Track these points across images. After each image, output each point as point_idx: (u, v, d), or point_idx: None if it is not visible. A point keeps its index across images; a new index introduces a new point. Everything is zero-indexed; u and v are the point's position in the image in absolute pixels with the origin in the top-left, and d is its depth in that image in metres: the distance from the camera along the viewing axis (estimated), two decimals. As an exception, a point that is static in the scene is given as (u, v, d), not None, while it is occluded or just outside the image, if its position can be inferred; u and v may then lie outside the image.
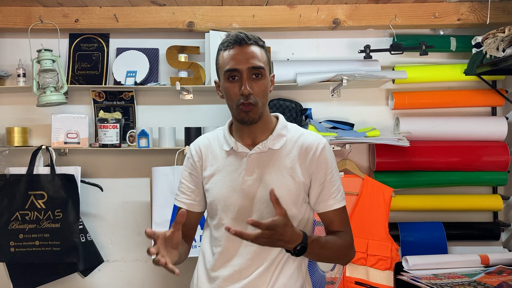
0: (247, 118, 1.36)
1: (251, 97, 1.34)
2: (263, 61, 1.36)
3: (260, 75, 1.36)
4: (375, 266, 2.25)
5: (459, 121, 2.49)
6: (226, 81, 1.37)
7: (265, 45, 1.42)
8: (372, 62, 2.46)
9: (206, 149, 1.49)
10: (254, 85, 1.35)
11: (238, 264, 1.40)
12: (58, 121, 2.39)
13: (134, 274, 2.56)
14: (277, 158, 1.41)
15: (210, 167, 1.46)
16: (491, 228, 2.53)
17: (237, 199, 1.40)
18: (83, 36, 2.54)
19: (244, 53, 1.35)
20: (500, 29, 2.10)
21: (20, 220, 2.30)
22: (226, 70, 1.35)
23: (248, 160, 1.40)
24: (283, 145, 1.42)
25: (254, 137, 1.43)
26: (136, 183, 2.55)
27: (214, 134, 1.52)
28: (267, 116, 1.44)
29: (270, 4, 2.44)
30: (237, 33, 1.37)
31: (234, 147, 1.42)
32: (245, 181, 1.40)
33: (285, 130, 1.45)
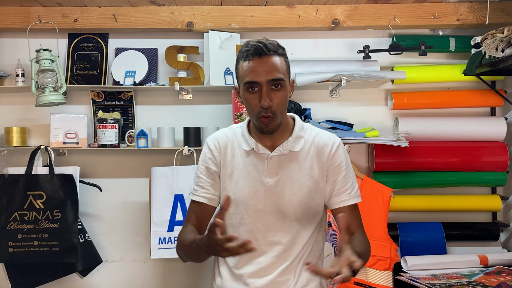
0: (267, 129, 1.39)
1: (271, 109, 1.36)
2: (282, 72, 1.37)
3: (279, 86, 1.37)
4: (374, 267, 2.24)
5: (458, 122, 2.49)
6: (246, 92, 1.38)
7: (285, 52, 1.42)
8: (371, 63, 2.46)
9: (225, 145, 1.50)
10: (274, 96, 1.36)
11: (263, 262, 1.43)
12: (57, 121, 2.38)
13: (133, 274, 2.56)
14: (297, 160, 1.44)
15: (230, 164, 1.47)
16: (490, 228, 2.53)
17: (259, 199, 1.42)
18: (82, 36, 2.54)
19: (263, 65, 1.35)
20: (499, 30, 2.10)
21: (18, 220, 2.30)
22: (246, 82, 1.37)
23: (269, 162, 1.43)
24: (302, 147, 1.45)
25: (273, 140, 1.46)
26: (135, 183, 2.55)
27: (231, 131, 1.53)
28: (286, 120, 1.47)
29: (269, 4, 2.44)
30: (257, 43, 1.37)
31: (255, 148, 1.44)
32: (266, 182, 1.42)
33: (303, 131, 1.48)
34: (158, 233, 2.29)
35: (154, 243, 2.29)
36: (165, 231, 2.29)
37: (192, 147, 2.38)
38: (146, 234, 2.48)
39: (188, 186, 2.30)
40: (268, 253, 1.43)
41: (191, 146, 2.38)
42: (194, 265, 2.54)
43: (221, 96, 2.55)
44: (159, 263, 2.55)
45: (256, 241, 1.41)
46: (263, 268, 1.43)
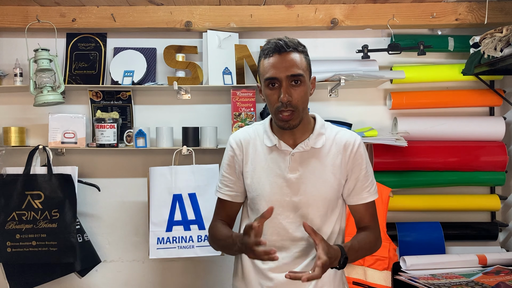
0: (287, 125, 1.42)
1: (290, 104, 1.39)
2: (302, 68, 1.40)
3: (299, 81, 1.40)
4: (373, 266, 2.24)
5: (457, 121, 2.49)
6: (267, 88, 1.42)
7: (306, 49, 1.46)
8: (370, 62, 2.46)
9: (247, 142, 1.53)
10: (293, 92, 1.39)
11: (286, 257, 1.46)
12: (55, 120, 2.38)
13: (132, 274, 2.55)
14: (318, 156, 1.47)
15: (252, 161, 1.51)
16: (489, 228, 2.54)
17: (281, 195, 1.45)
18: (80, 35, 2.53)
19: (283, 61, 1.39)
20: (498, 29, 2.10)
21: (17, 220, 2.29)
22: (266, 78, 1.41)
23: (292, 158, 1.46)
24: (324, 144, 1.48)
25: (295, 137, 1.48)
26: (134, 183, 2.54)
27: (253, 128, 1.57)
28: (307, 118, 1.50)
29: (268, 4, 2.44)
30: (277, 40, 1.42)
31: (278, 145, 1.48)
32: (288, 179, 1.45)
33: (323, 128, 1.51)
34: (156, 233, 2.29)
35: (152, 243, 2.29)
36: (163, 231, 2.29)
37: (191, 147, 2.37)
38: (145, 234, 2.48)
39: (186, 186, 2.30)
40: (291, 248, 1.46)
41: (190, 146, 2.38)
42: (192, 265, 2.54)
43: (219, 96, 2.55)
44: (157, 263, 2.54)
45: (278, 236, 1.46)
46: (286, 264, 1.45)
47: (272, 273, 1.47)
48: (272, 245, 1.45)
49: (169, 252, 2.29)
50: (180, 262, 2.54)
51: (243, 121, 2.40)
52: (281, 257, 1.44)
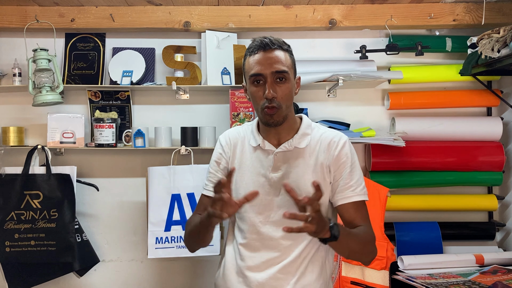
0: (272, 121, 1.42)
1: (275, 100, 1.39)
2: (287, 65, 1.41)
3: (284, 78, 1.40)
4: (370, 266, 2.25)
5: (455, 121, 2.50)
6: (252, 85, 1.43)
7: (290, 49, 1.47)
8: (368, 63, 2.46)
9: (236, 141, 1.54)
10: (278, 89, 1.40)
11: (265, 256, 1.44)
12: (54, 120, 2.38)
13: (130, 274, 2.56)
14: (302, 156, 1.46)
15: (238, 160, 1.51)
16: (486, 228, 2.54)
17: (264, 194, 1.44)
18: (79, 35, 2.54)
19: (268, 58, 1.40)
20: (495, 30, 2.11)
21: (15, 220, 2.30)
22: (251, 75, 1.41)
23: (275, 157, 1.46)
24: (308, 144, 1.47)
25: (279, 137, 1.48)
26: (132, 183, 2.55)
27: (243, 128, 1.58)
28: (292, 118, 1.50)
29: (266, 4, 2.44)
30: (262, 38, 1.43)
31: (261, 144, 1.48)
32: (271, 178, 1.45)
33: (309, 129, 1.51)
34: (155, 232, 2.30)
35: (151, 243, 2.29)
36: (162, 230, 2.29)
37: (189, 146, 2.38)
38: (143, 233, 2.48)
39: (185, 185, 2.31)
40: (271, 247, 1.44)
41: (188, 145, 2.38)
42: (191, 265, 2.55)
43: (218, 96, 2.56)
44: (156, 263, 2.55)
45: (259, 235, 1.45)
46: (265, 263, 1.44)
47: (250, 272, 1.45)
48: (252, 244, 1.45)
49: (168, 251, 2.30)
50: (178, 262, 2.54)
51: (242, 121, 2.40)
52: (261, 255, 1.44)
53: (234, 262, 1.50)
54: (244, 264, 1.46)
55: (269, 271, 1.43)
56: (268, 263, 1.44)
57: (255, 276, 1.44)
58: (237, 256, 1.49)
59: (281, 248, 1.44)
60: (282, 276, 1.42)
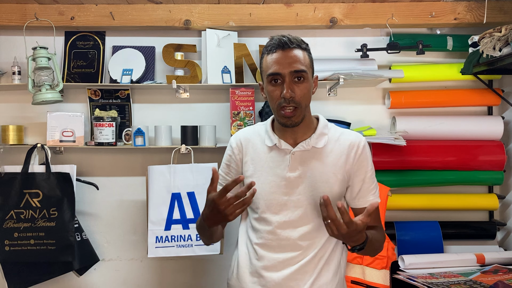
0: (290, 122, 1.41)
1: (293, 100, 1.38)
2: (305, 64, 1.40)
3: (302, 78, 1.39)
4: (371, 265, 2.25)
5: (456, 121, 2.50)
6: (269, 84, 1.42)
7: (309, 47, 1.45)
8: (369, 61, 2.46)
9: (247, 142, 1.53)
10: (296, 88, 1.39)
11: (281, 257, 1.44)
12: (54, 119, 2.37)
13: (130, 273, 2.55)
14: (320, 156, 1.45)
15: (251, 161, 1.50)
16: (487, 227, 2.54)
17: (280, 195, 1.44)
18: (79, 33, 2.53)
19: (286, 57, 1.38)
20: (497, 29, 2.11)
21: (15, 218, 2.29)
22: (269, 74, 1.40)
23: (292, 157, 1.45)
24: (325, 144, 1.46)
25: (296, 136, 1.47)
26: (132, 181, 2.54)
27: (254, 128, 1.57)
28: (309, 117, 1.49)
29: (267, 3, 2.43)
30: (280, 37, 1.41)
31: (278, 144, 1.47)
32: (288, 177, 1.44)
33: (327, 129, 1.50)
34: (155, 231, 2.29)
35: (151, 242, 2.29)
36: (162, 229, 2.29)
37: (190, 145, 2.37)
38: (143, 232, 2.48)
39: (185, 184, 2.30)
40: (287, 247, 1.44)
41: (188, 144, 2.38)
42: (191, 264, 2.54)
43: (218, 95, 2.55)
44: (156, 262, 2.54)
45: (275, 235, 1.44)
46: (281, 263, 1.44)
47: (266, 272, 1.45)
48: (268, 244, 1.45)
49: (168, 250, 2.29)
50: (178, 261, 2.53)
51: (242, 120, 2.39)
52: (277, 256, 1.44)
53: (248, 262, 1.50)
54: (260, 264, 1.46)
55: (286, 271, 1.43)
56: (285, 263, 1.44)
57: (271, 276, 1.44)
58: (252, 256, 1.49)
59: (298, 248, 1.43)
60: (299, 276, 1.43)
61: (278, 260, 1.44)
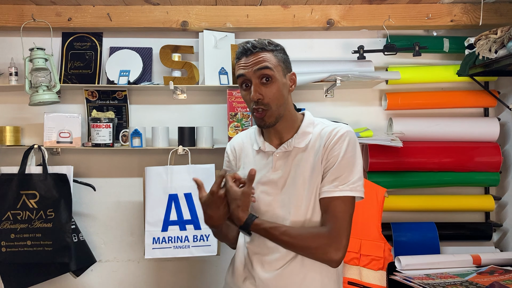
0: (263, 123, 1.43)
1: (262, 102, 1.39)
2: (272, 64, 1.39)
3: (269, 78, 1.40)
4: (368, 266, 2.25)
5: (452, 122, 2.50)
6: (242, 90, 1.45)
7: (278, 48, 1.44)
8: (366, 63, 2.47)
9: (240, 149, 1.58)
10: (264, 90, 1.39)
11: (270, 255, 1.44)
12: (51, 120, 2.37)
13: (127, 274, 2.55)
14: (302, 155, 1.45)
15: (244, 166, 1.54)
16: (483, 228, 2.55)
17: (265, 195, 1.46)
18: (76, 35, 2.53)
19: (250, 60, 1.40)
20: (493, 31, 2.12)
21: (11, 219, 2.29)
22: (237, 77, 1.43)
23: (274, 158, 1.47)
24: (307, 143, 1.45)
25: (280, 136, 1.49)
26: (129, 182, 2.54)
27: (248, 132, 1.61)
28: (291, 116, 1.48)
29: (264, 4, 2.44)
30: (245, 43, 1.42)
31: (262, 147, 1.50)
32: (272, 179, 1.46)
33: (311, 127, 1.48)
34: (152, 232, 2.29)
35: (148, 243, 2.29)
36: (159, 230, 2.29)
37: (187, 146, 2.37)
38: (140, 233, 2.48)
39: (182, 186, 2.30)
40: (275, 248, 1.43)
41: (186, 145, 2.38)
42: (188, 265, 2.54)
43: (215, 96, 2.55)
44: (153, 263, 2.54)
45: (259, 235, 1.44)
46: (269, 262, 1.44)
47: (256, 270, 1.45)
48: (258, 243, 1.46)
49: (165, 252, 2.29)
50: (175, 262, 2.53)
51: (239, 121, 2.40)
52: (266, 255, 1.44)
53: (243, 260, 1.52)
54: (250, 262, 1.48)
55: (274, 270, 1.43)
56: (272, 263, 1.44)
57: (259, 275, 1.44)
58: (246, 255, 1.51)
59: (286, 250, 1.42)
60: (287, 275, 1.42)
61: (266, 260, 1.45)
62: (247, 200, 1.36)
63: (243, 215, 1.36)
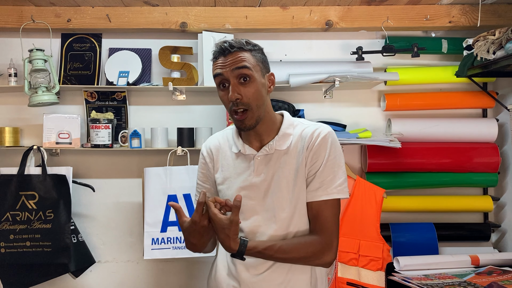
0: (243, 126, 1.39)
1: (241, 102, 1.36)
2: (250, 64, 1.36)
3: (247, 78, 1.36)
4: (366, 267, 2.25)
5: (450, 123, 2.51)
6: (219, 90, 1.40)
7: (256, 48, 1.41)
8: (364, 64, 2.47)
9: (217, 150, 1.53)
10: (243, 90, 1.36)
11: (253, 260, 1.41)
12: (50, 121, 2.37)
13: (126, 275, 2.55)
14: (283, 158, 1.42)
15: (222, 168, 1.50)
16: (482, 229, 2.55)
17: (248, 200, 1.42)
18: (75, 36, 2.53)
19: (227, 60, 1.36)
20: (491, 32, 2.12)
21: (11, 220, 2.29)
22: (213, 76, 1.39)
23: (256, 161, 1.43)
24: (289, 145, 1.43)
25: (260, 139, 1.45)
26: (128, 183, 2.54)
27: (223, 134, 1.56)
28: (270, 117, 1.45)
29: (263, 5, 2.44)
30: (222, 42, 1.38)
31: (242, 150, 1.46)
32: (254, 182, 1.42)
33: (291, 128, 1.46)
34: (151, 233, 2.29)
35: (147, 244, 2.29)
36: (158, 231, 2.29)
37: (186, 147, 2.38)
38: (139, 234, 2.48)
39: (181, 186, 2.30)
40: None
41: (185, 146, 2.38)
42: (187, 266, 2.54)
43: (214, 97, 2.56)
44: (152, 264, 2.54)
45: None
46: (253, 265, 1.42)
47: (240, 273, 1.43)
48: None
49: (164, 252, 2.29)
50: (174, 263, 2.54)
51: (238, 122, 2.40)
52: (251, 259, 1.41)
53: (226, 263, 1.49)
54: (234, 266, 1.45)
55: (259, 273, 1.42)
56: (258, 265, 1.42)
57: (244, 278, 1.43)
58: (228, 259, 1.48)
59: None
60: (270, 278, 1.41)
61: (250, 264, 1.42)
62: (236, 228, 1.30)
63: (235, 244, 1.32)
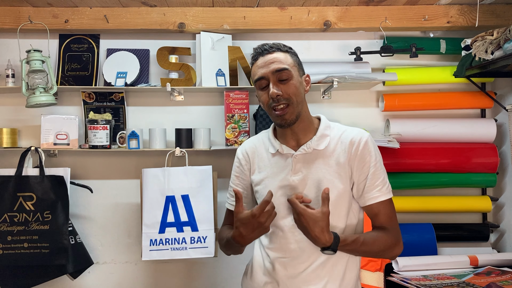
0: (284, 122, 1.43)
1: (282, 98, 1.41)
2: (287, 64, 1.43)
3: (286, 78, 1.42)
4: (365, 268, 2.25)
5: (449, 123, 2.51)
6: (259, 91, 1.46)
7: (292, 50, 1.49)
8: (363, 64, 2.47)
9: (253, 152, 1.57)
10: (283, 87, 1.42)
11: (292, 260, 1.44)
12: (48, 122, 2.37)
13: (124, 276, 2.54)
14: (322, 158, 1.46)
15: (259, 171, 1.53)
16: (480, 229, 2.55)
17: (284, 198, 1.45)
18: (73, 36, 2.53)
19: (267, 60, 1.43)
20: (489, 32, 2.12)
21: (8, 222, 2.28)
22: (255, 80, 1.45)
23: (294, 160, 1.46)
24: (327, 145, 1.46)
25: (297, 138, 1.49)
26: (126, 184, 2.54)
27: (259, 137, 1.61)
28: (308, 117, 1.51)
29: (261, 6, 2.44)
30: (261, 45, 1.47)
31: (280, 149, 1.49)
32: (292, 181, 1.45)
33: (328, 129, 1.50)
34: (149, 234, 2.29)
35: (145, 245, 2.28)
36: (156, 232, 2.29)
37: (184, 148, 2.37)
38: (137, 235, 2.48)
39: (179, 187, 2.30)
40: (295, 250, 1.44)
41: (183, 147, 2.38)
42: (185, 267, 2.54)
43: (213, 97, 2.55)
44: (150, 265, 2.54)
45: (285, 239, 1.45)
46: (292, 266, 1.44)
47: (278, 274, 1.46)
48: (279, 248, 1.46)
49: (162, 253, 2.29)
50: (173, 264, 2.53)
51: (236, 122, 2.40)
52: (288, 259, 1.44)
53: (262, 264, 1.51)
54: (271, 267, 1.47)
55: (298, 273, 1.43)
56: (296, 265, 1.44)
57: (283, 278, 1.45)
58: (265, 259, 1.51)
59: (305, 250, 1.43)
60: (310, 279, 1.43)
61: (289, 263, 1.45)
62: (328, 220, 1.32)
63: (330, 236, 1.33)
